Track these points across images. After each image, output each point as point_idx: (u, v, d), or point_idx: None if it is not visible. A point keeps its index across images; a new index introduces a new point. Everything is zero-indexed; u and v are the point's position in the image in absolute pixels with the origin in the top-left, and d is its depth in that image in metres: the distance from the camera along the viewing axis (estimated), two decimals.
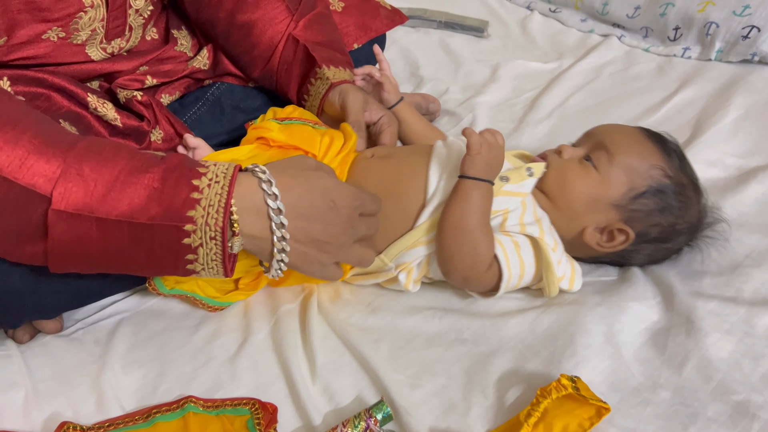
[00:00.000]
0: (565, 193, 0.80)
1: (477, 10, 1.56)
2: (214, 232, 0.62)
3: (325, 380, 0.71)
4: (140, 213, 0.60)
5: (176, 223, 0.61)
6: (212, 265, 0.64)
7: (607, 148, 0.80)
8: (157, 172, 0.62)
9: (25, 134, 0.60)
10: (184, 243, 0.62)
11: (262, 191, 0.64)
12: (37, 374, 0.74)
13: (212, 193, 0.62)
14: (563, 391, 0.61)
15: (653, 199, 0.78)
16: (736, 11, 1.23)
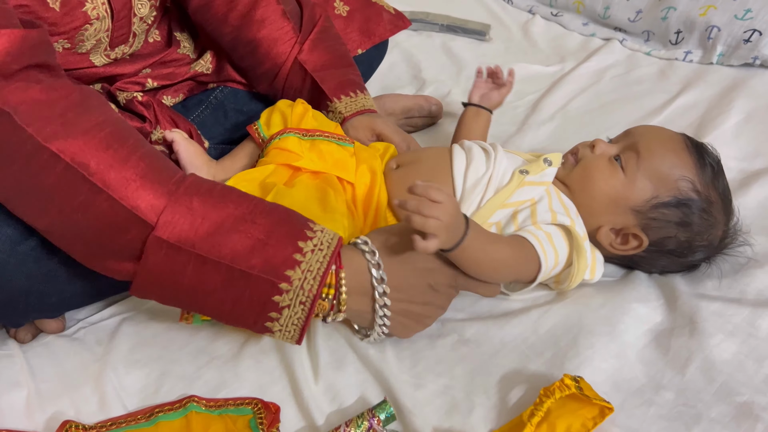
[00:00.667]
0: (587, 189, 0.80)
1: (479, 13, 1.56)
2: (306, 297, 0.63)
3: (328, 379, 0.71)
4: (241, 260, 0.62)
5: (273, 279, 0.62)
6: (291, 329, 0.65)
7: (638, 150, 0.79)
8: (263, 224, 0.63)
9: (134, 154, 0.62)
10: (273, 300, 0.63)
11: (369, 274, 0.67)
12: (40, 374, 0.74)
13: (314, 259, 0.63)
14: (566, 391, 0.61)
15: (675, 210, 0.76)
16: (737, 15, 1.23)
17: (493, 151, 0.82)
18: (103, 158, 0.60)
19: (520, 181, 0.78)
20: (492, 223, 0.77)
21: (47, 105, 0.59)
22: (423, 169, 0.84)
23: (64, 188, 0.60)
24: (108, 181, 0.60)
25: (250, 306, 0.64)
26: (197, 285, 0.63)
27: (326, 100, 0.93)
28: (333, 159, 0.82)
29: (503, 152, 0.83)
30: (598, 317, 0.75)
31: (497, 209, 0.77)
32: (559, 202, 0.79)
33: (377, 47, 1.11)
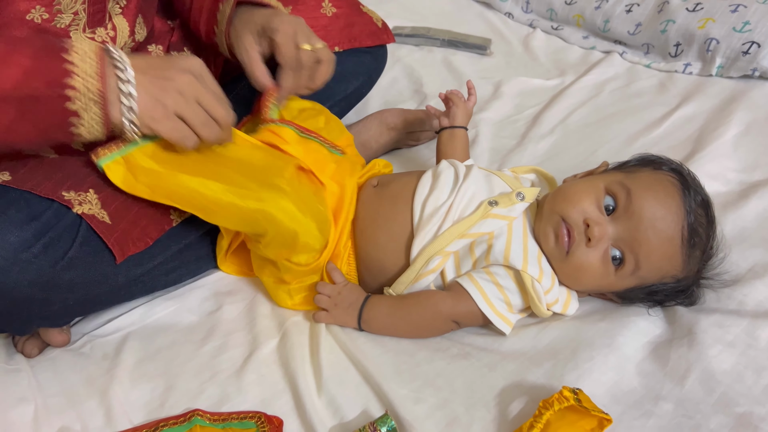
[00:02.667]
0: (576, 282, 0.79)
1: (480, 28, 1.58)
2: (95, 95, 0.67)
3: (330, 393, 0.72)
4: (23, 87, 0.65)
5: (59, 91, 0.65)
6: (95, 127, 0.69)
7: (638, 258, 0.74)
8: (27, 52, 0.66)
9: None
10: (68, 108, 0.66)
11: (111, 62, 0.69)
12: (47, 388, 0.75)
13: (87, 65, 0.67)
14: (565, 402, 0.62)
15: (649, 290, 0.78)
16: (736, 27, 1.24)
17: (462, 178, 0.83)
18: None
19: (486, 212, 0.78)
20: (450, 252, 0.78)
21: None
22: (388, 194, 0.85)
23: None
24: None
25: (51, 122, 0.67)
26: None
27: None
28: (315, 157, 0.85)
29: (476, 177, 0.83)
30: (597, 330, 0.76)
31: (456, 239, 0.77)
32: (520, 241, 0.78)
33: (376, 59, 1.11)
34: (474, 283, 0.76)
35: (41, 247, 0.68)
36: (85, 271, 0.72)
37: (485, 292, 0.75)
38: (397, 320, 0.78)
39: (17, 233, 0.66)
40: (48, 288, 0.70)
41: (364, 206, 0.85)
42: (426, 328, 0.78)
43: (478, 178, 0.83)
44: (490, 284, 0.76)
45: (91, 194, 0.73)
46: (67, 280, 0.71)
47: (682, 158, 1.04)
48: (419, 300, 0.78)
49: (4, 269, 0.66)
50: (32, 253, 0.67)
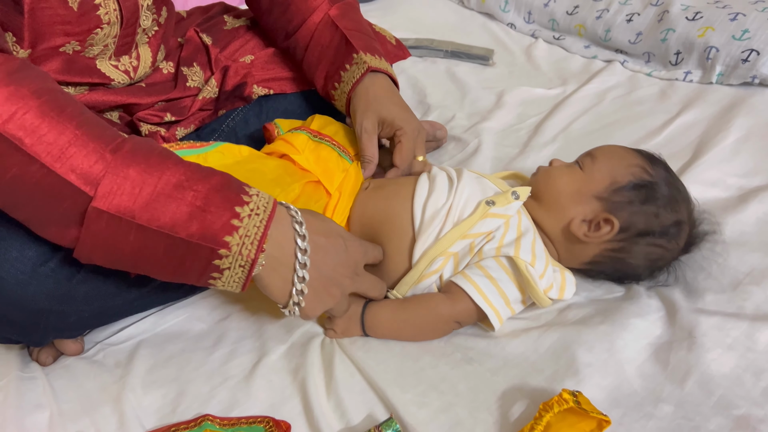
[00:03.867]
0: (549, 189, 0.85)
1: (483, 38, 1.60)
2: (245, 261, 0.65)
3: (337, 398, 0.73)
4: (181, 228, 0.63)
5: (212, 246, 0.64)
6: (233, 285, 0.68)
7: (592, 154, 0.86)
8: (201, 191, 0.64)
9: (72, 122, 0.61)
10: (214, 263, 0.65)
11: (290, 218, 0.70)
12: (61, 395, 0.77)
13: (251, 224, 0.65)
14: (565, 405, 0.63)
15: (634, 191, 0.81)
16: (735, 35, 1.26)
17: (456, 180, 0.85)
18: (38, 127, 0.60)
19: (485, 212, 0.80)
20: (452, 252, 0.79)
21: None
22: (383, 197, 0.87)
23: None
24: (42, 150, 0.60)
25: (192, 269, 0.66)
26: (139, 252, 0.65)
27: (353, 53, 0.94)
28: (325, 166, 0.87)
29: (469, 179, 0.85)
30: (597, 333, 0.76)
31: (458, 239, 0.79)
32: (516, 230, 0.81)
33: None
34: (468, 280, 0.77)
35: (59, 261, 0.69)
36: (100, 283, 0.74)
37: (479, 287, 0.77)
38: (400, 324, 0.79)
39: (35, 247, 0.68)
40: (65, 300, 0.72)
41: (359, 210, 0.87)
42: (429, 331, 0.80)
43: (470, 179, 0.85)
44: (483, 278, 0.78)
45: None
46: (83, 292, 0.73)
47: (682, 165, 1.05)
48: (419, 305, 0.79)
49: (22, 283, 0.67)
50: (50, 267, 0.69)
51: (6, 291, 0.67)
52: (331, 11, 0.97)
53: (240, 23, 1.07)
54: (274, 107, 1.04)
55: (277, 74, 1.03)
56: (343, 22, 0.96)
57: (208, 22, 1.06)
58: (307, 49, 0.98)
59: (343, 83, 0.95)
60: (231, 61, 1.00)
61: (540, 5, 1.58)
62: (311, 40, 0.97)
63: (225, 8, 1.11)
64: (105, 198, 0.61)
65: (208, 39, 1.01)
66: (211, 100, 0.99)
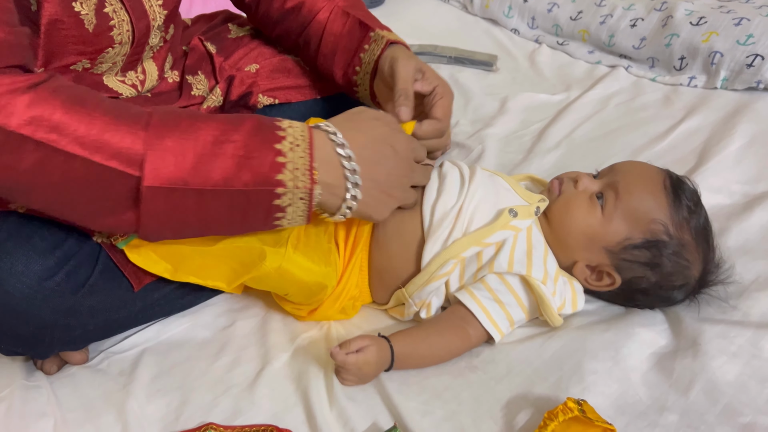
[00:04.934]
0: (564, 223, 0.82)
1: (487, 44, 1.60)
2: (303, 193, 0.67)
3: (340, 406, 0.73)
4: (233, 180, 0.64)
5: (268, 188, 0.65)
6: (297, 219, 0.69)
7: (618, 191, 0.80)
8: (238, 140, 0.65)
9: (97, 110, 0.62)
10: (275, 204, 0.67)
11: (331, 142, 0.69)
12: (66, 404, 0.77)
13: (296, 156, 0.66)
14: (569, 413, 0.63)
15: (645, 252, 0.78)
16: (739, 40, 1.25)
17: (468, 180, 0.83)
18: (67, 124, 0.60)
19: (506, 222, 0.79)
20: (464, 257, 0.78)
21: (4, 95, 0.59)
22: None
23: (42, 165, 0.60)
24: (78, 145, 0.60)
25: (257, 216, 0.67)
26: (203, 215, 0.66)
27: (368, 32, 0.94)
28: None
29: (482, 179, 0.84)
30: (602, 342, 0.76)
31: (473, 245, 0.78)
32: (524, 244, 0.79)
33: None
34: (479, 305, 0.77)
35: (64, 275, 0.70)
36: (105, 297, 0.75)
37: (491, 315, 0.77)
38: (424, 364, 0.77)
39: (41, 262, 0.68)
40: (70, 314, 0.72)
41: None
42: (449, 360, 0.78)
43: (483, 179, 0.84)
44: (494, 303, 0.77)
45: None
46: (88, 306, 0.73)
47: (686, 171, 1.05)
48: (440, 347, 0.77)
49: (28, 297, 0.68)
50: (55, 281, 0.69)
51: (12, 305, 0.68)
52: (339, 3, 0.98)
53: (244, 32, 1.07)
54: (278, 116, 1.03)
55: (282, 83, 1.03)
56: (353, 11, 0.97)
57: (212, 31, 1.07)
58: (321, 41, 0.98)
59: (365, 64, 0.94)
60: (236, 70, 1.01)
61: (543, 11, 1.58)
62: (324, 32, 0.97)
63: (229, 16, 1.12)
64: (153, 174, 0.62)
65: (212, 48, 1.02)
66: (216, 108, 1.00)
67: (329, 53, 0.98)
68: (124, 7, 0.78)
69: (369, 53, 0.93)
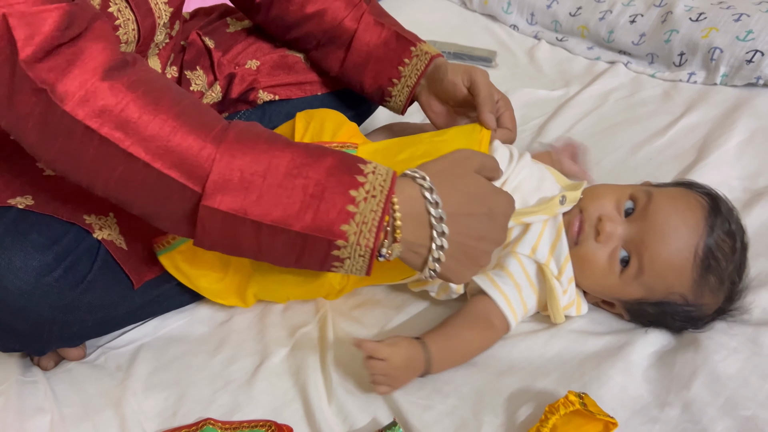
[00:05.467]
0: (581, 276, 0.79)
1: (486, 40, 1.59)
2: (363, 251, 0.61)
3: (339, 401, 0.73)
4: (294, 220, 0.60)
5: (328, 237, 0.60)
6: (356, 272, 0.64)
7: (641, 258, 0.75)
8: (312, 177, 0.61)
9: (170, 113, 0.59)
10: (332, 254, 0.62)
11: (424, 199, 0.63)
12: (63, 400, 0.76)
13: (367, 209, 0.60)
14: (571, 407, 0.62)
15: (656, 308, 0.77)
16: (739, 36, 1.25)
17: (516, 158, 0.82)
18: (135, 123, 0.58)
19: (554, 208, 0.77)
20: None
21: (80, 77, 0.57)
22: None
23: (103, 160, 0.59)
24: (142, 148, 0.58)
25: (311, 259, 0.63)
26: (258, 246, 0.62)
27: (409, 46, 0.94)
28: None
29: (528, 160, 0.83)
30: (604, 341, 0.76)
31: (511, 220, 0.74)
32: (550, 238, 0.78)
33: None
34: (499, 291, 0.76)
35: (62, 271, 0.69)
36: (104, 293, 0.74)
37: (509, 299, 0.76)
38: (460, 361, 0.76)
39: (39, 257, 0.68)
40: (68, 311, 0.71)
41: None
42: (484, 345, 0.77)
43: (529, 162, 0.83)
44: (512, 288, 0.77)
45: (111, 218, 0.75)
46: (87, 302, 0.73)
47: (686, 166, 1.05)
48: (473, 341, 0.76)
49: (26, 293, 0.67)
50: (53, 277, 0.69)
51: (9, 301, 0.67)
52: (365, 11, 0.96)
53: (243, 26, 1.07)
54: (277, 111, 1.04)
55: (283, 80, 1.02)
56: (385, 20, 0.97)
57: (210, 25, 1.06)
58: (350, 50, 0.96)
59: (405, 77, 0.94)
60: (235, 66, 1.00)
61: (543, 7, 1.58)
62: (353, 41, 0.96)
63: (227, 10, 1.11)
64: (214, 195, 0.59)
65: (210, 42, 1.01)
66: (215, 104, 0.99)
67: (361, 62, 0.97)
68: (129, 5, 0.77)
69: (411, 67, 0.94)
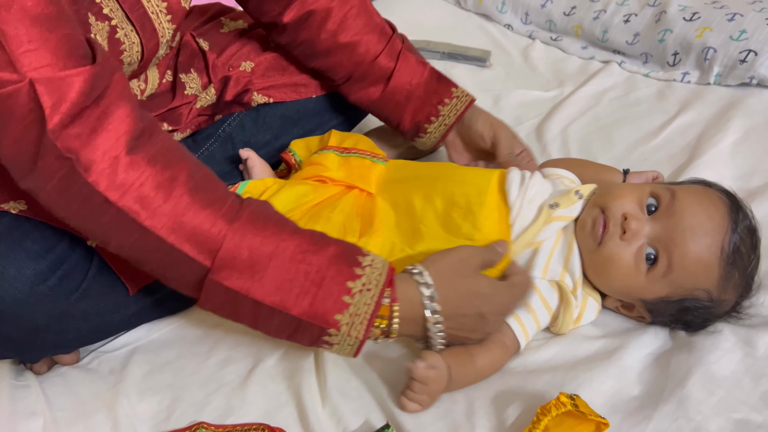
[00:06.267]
0: (604, 277, 0.78)
1: (480, 40, 1.59)
2: (353, 341, 0.65)
3: (333, 404, 0.73)
4: (292, 305, 0.64)
5: (321, 325, 0.64)
6: (343, 354, 0.68)
7: (671, 257, 0.73)
8: (314, 264, 0.64)
9: (185, 188, 0.62)
10: (323, 339, 0.66)
11: (422, 306, 0.67)
12: (56, 403, 0.76)
13: (362, 301, 0.64)
14: (562, 408, 0.62)
15: (678, 304, 0.76)
16: (732, 36, 1.25)
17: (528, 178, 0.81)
18: (153, 198, 0.61)
19: (549, 216, 0.77)
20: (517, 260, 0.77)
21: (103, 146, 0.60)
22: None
23: (118, 227, 0.62)
24: (156, 222, 0.61)
25: (303, 339, 0.67)
26: (254, 320, 0.66)
27: (450, 87, 0.98)
28: (359, 173, 0.87)
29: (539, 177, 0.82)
30: (598, 345, 0.77)
31: (525, 248, 0.77)
32: (563, 249, 0.78)
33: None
34: (518, 322, 0.75)
35: (57, 280, 0.69)
36: (98, 301, 0.74)
37: (524, 326, 0.75)
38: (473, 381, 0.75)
39: (33, 266, 0.67)
40: (63, 319, 0.71)
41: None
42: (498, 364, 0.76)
43: (540, 179, 0.83)
44: (526, 312, 0.75)
45: None
46: (81, 310, 0.73)
47: (680, 166, 1.05)
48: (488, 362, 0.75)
49: (21, 302, 0.67)
50: (48, 285, 0.68)
51: (3, 309, 0.67)
52: (399, 48, 0.98)
53: (237, 26, 1.06)
54: (271, 113, 1.03)
55: (277, 81, 1.02)
56: (423, 59, 1.00)
57: (204, 26, 1.05)
58: (388, 87, 0.97)
59: (443, 116, 0.97)
60: (229, 68, 0.99)
61: (537, 6, 1.58)
62: (393, 78, 0.96)
63: (222, 9, 1.10)
64: (221, 270, 0.63)
65: (204, 44, 1.01)
66: (209, 106, 0.99)
67: (402, 100, 0.98)
68: (135, 29, 0.76)
69: (450, 107, 0.97)
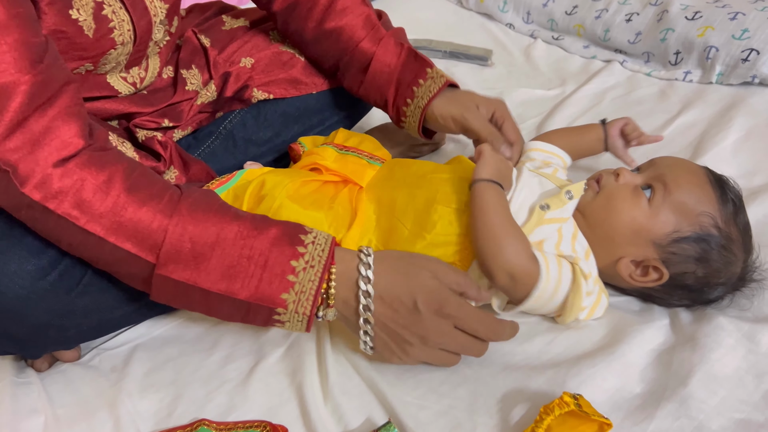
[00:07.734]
0: (608, 219, 0.79)
1: (482, 39, 1.59)
2: (302, 317, 0.67)
3: (335, 401, 0.73)
4: (239, 290, 0.66)
5: (269, 305, 0.66)
6: (295, 329, 0.70)
7: (666, 183, 0.78)
8: (256, 248, 0.66)
9: (121, 187, 0.65)
10: (274, 318, 0.68)
11: (357, 272, 0.68)
12: (57, 401, 0.76)
13: (306, 278, 0.66)
14: (565, 408, 0.62)
15: (694, 246, 0.75)
16: (735, 35, 1.25)
17: (515, 182, 0.82)
18: (90, 201, 0.63)
19: (540, 218, 0.77)
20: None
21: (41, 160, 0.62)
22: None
23: (62, 230, 0.65)
24: (96, 225, 0.64)
25: (256, 320, 0.69)
26: (207, 307, 0.69)
27: (426, 67, 0.96)
28: (353, 168, 0.88)
29: (528, 178, 0.83)
30: (600, 341, 0.76)
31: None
32: (570, 241, 0.78)
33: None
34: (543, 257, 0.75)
35: (57, 275, 0.69)
36: (99, 296, 0.74)
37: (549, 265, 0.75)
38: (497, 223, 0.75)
39: (34, 261, 0.67)
40: (64, 315, 0.71)
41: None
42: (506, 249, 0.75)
43: (529, 178, 0.83)
44: (554, 260, 0.76)
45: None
46: (82, 306, 0.73)
47: None
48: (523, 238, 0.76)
49: (22, 298, 0.67)
50: (49, 281, 0.68)
51: (4, 305, 0.67)
52: (383, 34, 0.97)
53: (239, 23, 1.06)
54: (272, 109, 1.03)
55: (277, 77, 1.02)
56: (404, 41, 0.98)
57: (206, 23, 1.06)
58: (369, 71, 0.97)
59: (417, 98, 0.95)
60: (230, 65, 0.99)
61: (539, 5, 1.58)
62: (373, 62, 0.96)
63: (223, 7, 1.10)
64: (167, 265, 0.65)
65: (206, 40, 1.01)
66: (210, 102, 0.99)
67: (383, 83, 0.97)
68: (124, 6, 0.76)
69: (425, 88, 0.95)
